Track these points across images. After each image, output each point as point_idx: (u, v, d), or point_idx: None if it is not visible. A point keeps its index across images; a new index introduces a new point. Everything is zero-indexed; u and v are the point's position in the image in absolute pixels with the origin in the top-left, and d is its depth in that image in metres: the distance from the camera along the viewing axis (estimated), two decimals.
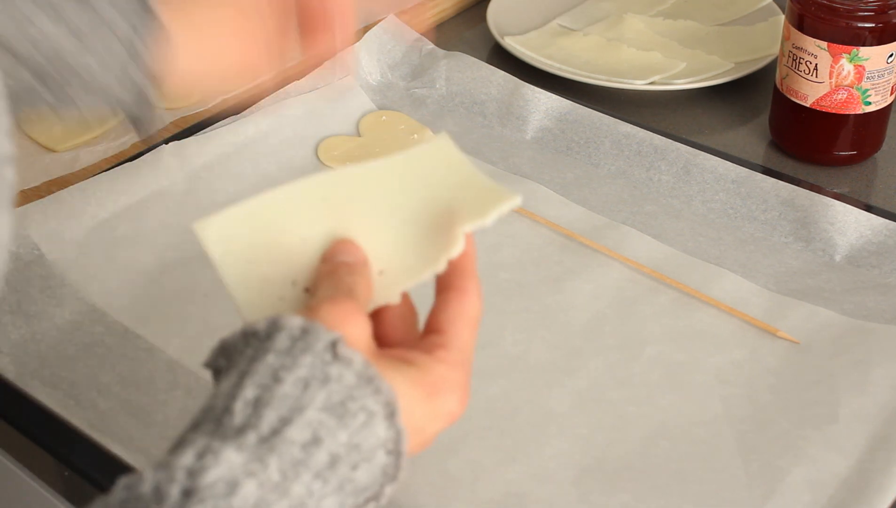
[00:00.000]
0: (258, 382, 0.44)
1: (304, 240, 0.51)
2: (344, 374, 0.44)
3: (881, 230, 0.75)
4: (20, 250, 0.74)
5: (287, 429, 0.42)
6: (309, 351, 0.44)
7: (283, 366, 0.44)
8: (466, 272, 0.51)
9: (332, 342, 0.45)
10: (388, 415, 0.45)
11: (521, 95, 0.90)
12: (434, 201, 0.51)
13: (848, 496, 0.58)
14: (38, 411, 0.64)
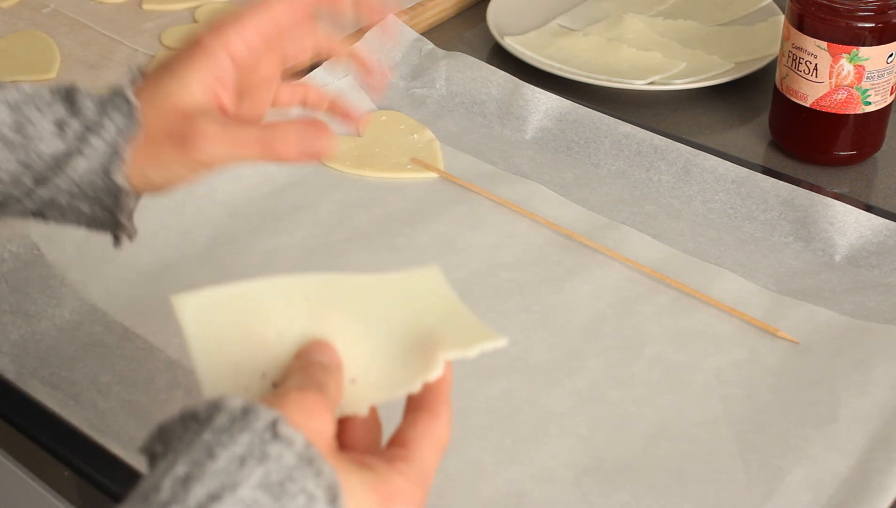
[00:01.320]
0: (191, 459, 0.42)
1: (281, 335, 0.50)
2: (284, 454, 0.42)
3: (881, 230, 0.75)
4: (20, 250, 0.74)
5: (215, 505, 0.40)
6: (248, 429, 0.42)
7: (219, 443, 0.42)
8: (441, 397, 0.50)
9: (272, 421, 0.43)
10: (329, 500, 0.43)
11: (521, 95, 0.90)
12: (416, 324, 0.51)
13: (848, 496, 0.58)
14: (38, 411, 0.64)
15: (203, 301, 0.50)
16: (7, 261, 0.73)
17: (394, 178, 0.85)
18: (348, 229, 0.79)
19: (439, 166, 0.85)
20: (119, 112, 0.56)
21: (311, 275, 0.52)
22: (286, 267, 0.76)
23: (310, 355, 0.49)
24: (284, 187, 0.84)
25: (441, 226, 0.79)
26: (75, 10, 1.10)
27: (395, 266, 0.75)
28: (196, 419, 0.44)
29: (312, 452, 0.43)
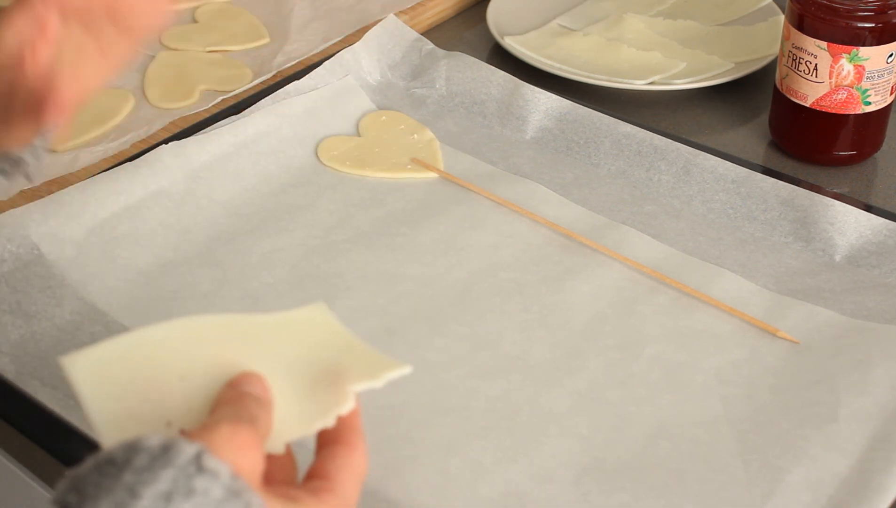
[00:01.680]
0: (113, 501, 0.40)
1: (182, 379, 0.49)
2: (210, 487, 0.41)
3: (881, 230, 0.75)
4: (20, 250, 0.74)
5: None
6: (170, 465, 0.41)
7: (141, 482, 0.40)
8: (355, 429, 0.50)
9: (196, 454, 0.42)
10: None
11: (520, 95, 0.90)
12: (314, 359, 0.51)
13: (848, 496, 0.58)
14: (38, 411, 0.64)
15: (94, 358, 0.48)
16: (7, 261, 0.73)
17: (394, 178, 0.85)
18: (348, 229, 0.79)
19: (439, 166, 0.85)
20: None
21: (198, 317, 0.50)
22: (286, 267, 0.76)
23: (241, 385, 0.48)
24: (284, 187, 0.84)
25: (441, 226, 0.79)
26: None
27: (395, 266, 0.75)
28: (113, 464, 0.42)
29: (240, 484, 0.42)
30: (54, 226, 0.75)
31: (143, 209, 0.79)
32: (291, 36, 1.04)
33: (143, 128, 0.90)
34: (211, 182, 0.82)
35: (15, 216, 0.75)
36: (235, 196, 0.82)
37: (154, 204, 0.79)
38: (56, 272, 0.73)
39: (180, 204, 0.80)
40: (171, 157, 0.82)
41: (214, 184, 0.82)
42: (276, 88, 0.91)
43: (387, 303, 0.73)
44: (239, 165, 0.84)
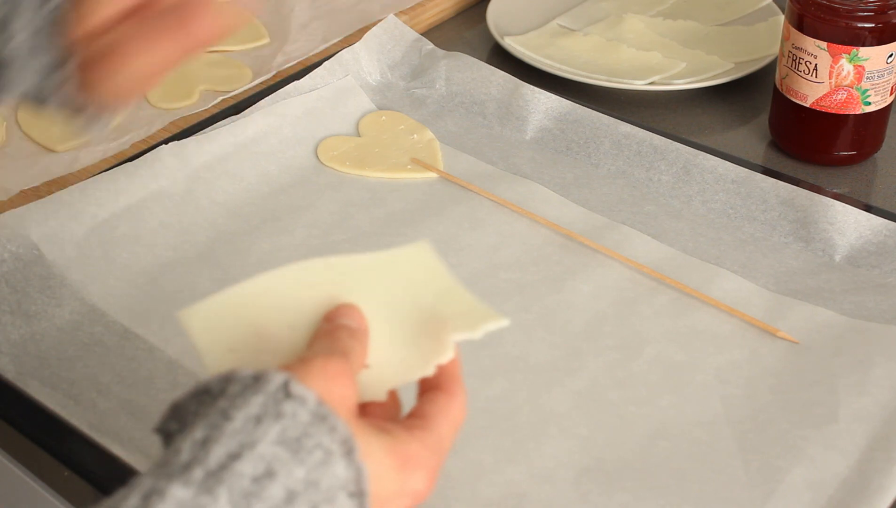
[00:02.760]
0: (207, 423, 0.43)
1: (292, 327, 0.51)
2: (298, 411, 0.43)
3: (881, 230, 0.75)
4: (20, 250, 0.74)
5: (236, 463, 0.41)
6: (260, 392, 0.44)
7: (234, 406, 0.43)
8: (455, 377, 0.52)
9: (284, 382, 0.44)
10: (345, 453, 0.44)
11: (520, 95, 0.90)
12: (417, 303, 0.52)
13: (848, 496, 0.58)
14: (37, 411, 0.64)
15: (208, 310, 0.51)
16: (7, 261, 0.73)
17: (394, 178, 0.85)
18: (348, 229, 0.79)
19: (439, 166, 0.85)
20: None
21: (308, 262, 0.52)
22: None
23: (338, 318, 0.50)
24: (284, 187, 0.84)
25: (441, 226, 0.79)
26: None
27: None
28: (209, 393, 0.45)
29: (324, 409, 0.44)
30: (54, 226, 0.75)
31: (143, 210, 0.79)
32: (291, 36, 1.04)
33: (142, 128, 0.90)
34: (211, 182, 0.82)
35: (15, 216, 0.75)
36: (235, 196, 0.82)
37: (154, 204, 0.79)
38: (56, 272, 0.73)
39: (180, 204, 0.80)
40: (171, 157, 0.82)
41: (214, 184, 0.82)
42: (276, 88, 0.91)
43: None
44: (239, 166, 0.84)
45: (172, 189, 0.80)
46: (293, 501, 0.42)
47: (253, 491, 0.41)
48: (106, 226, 0.77)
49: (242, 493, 0.41)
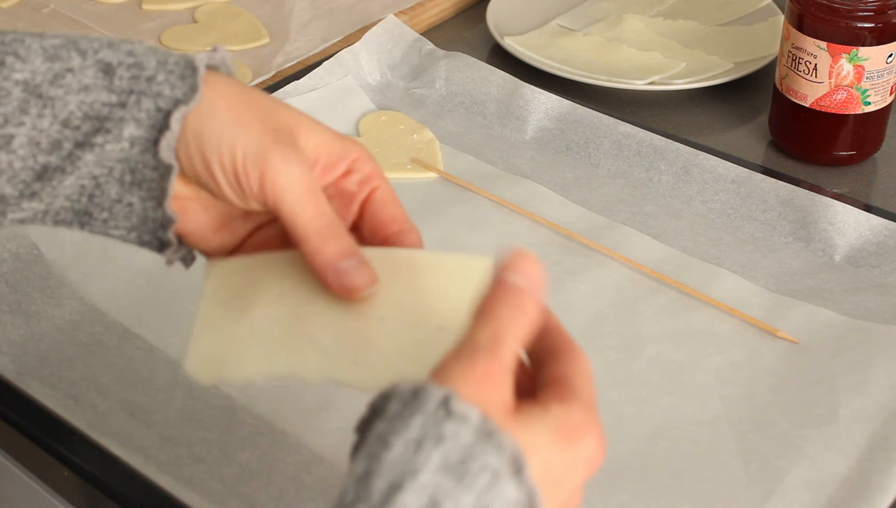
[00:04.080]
0: (367, 453, 0.40)
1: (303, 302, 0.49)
2: (460, 431, 0.40)
3: (881, 230, 0.75)
4: (20, 250, 0.74)
5: (398, 496, 0.38)
6: (419, 412, 0.40)
7: (392, 430, 0.40)
8: (567, 335, 0.48)
9: (443, 398, 0.41)
10: (514, 472, 0.40)
11: (520, 95, 0.90)
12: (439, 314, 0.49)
13: (848, 496, 0.58)
14: (37, 411, 0.64)
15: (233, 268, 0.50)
16: (7, 261, 0.73)
17: (394, 178, 0.85)
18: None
19: (439, 166, 0.85)
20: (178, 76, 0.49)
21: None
22: None
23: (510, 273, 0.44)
24: None
25: (441, 226, 0.79)
26: (75, 10, 1.10)
27: None
28: (374, 412, 0.43)
29: (490, 425, 0.41)
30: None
31: None
32: (291, 36, 1.04)
33: None
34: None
35: None
36: None
37: None
38: (56, 272, 0.73)
39: None
40: None
41: None
42: (276, 88, 0.91)
43: None
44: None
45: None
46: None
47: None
48: None
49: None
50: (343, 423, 0.64)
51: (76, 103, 0.48)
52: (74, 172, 0.48)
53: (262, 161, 0.47)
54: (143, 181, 0.49)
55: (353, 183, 0.51)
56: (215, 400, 0.65)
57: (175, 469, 0.61)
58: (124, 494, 0.59)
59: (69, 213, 0.50)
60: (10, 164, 0.47)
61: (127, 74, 0.48)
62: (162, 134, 0.48)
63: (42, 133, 0.47)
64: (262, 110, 0.49)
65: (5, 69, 0.47)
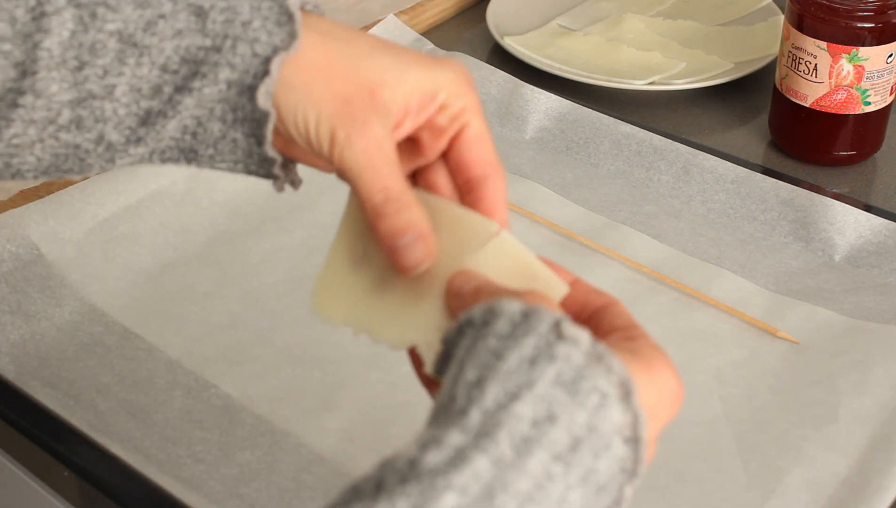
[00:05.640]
0: (479, 363, 0.40)
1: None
2: (571, 353, 0.40)
3: (881, 230, 0.75)
4: (20, 250, 0.74)
5: (515, 404, 0.39)
6: (532, 332, 0.41)
7: (506, 346, 0.41)
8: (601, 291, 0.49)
9: (555, 321, 0.41)
10: (622, 396, 0.41)
11: (520, 95, 0.90)
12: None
13: (848, 496, 0.58)
14: (37, 411, 0.64)
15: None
16: (7, 261, 0.73)
17: None
18: None
19: None
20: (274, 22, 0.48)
21: None
22: (286, 267, 0.76)
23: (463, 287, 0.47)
24: None
25: None
26: None
27: None
28: (472, 326, 0.43)
29: (600, 349, 0.41)
30: (54, 226, 0.75)
31: (143, 209, 0.79)
32: None
33: None
34: (211, 182, 0.82)
35: (15, 216, 0.75)
36: (235, 196, 0.82)
37: (154, 204, 0.79)
38: (56, 272, 0.73)
39: (180, 204, 0.80)
40: None
41: (214, 184, 0.82)
42: None
43: None
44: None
45: (172, 189, 0.80)
46: (578, 448, 0.39)
47: (533, 436, 0.38)
48: (106, 226, 0.77)
49: (523, 438, 0.38)
50: (343, 423, 0.64)
51: (172, 48, 0.48)
52: (176, 116, 0.48)
53: (329, 137, 0.48)
54: (244, 120, 0.49)
55: (444, 118, 0.50)
56: (215, 400, 0.65)
57: (175, 469, 0.61)
58: (124, 494, 0.59)
59: (175, 151, 0.50)
60: (115, 111, 0.48)
61: (220, 17, 0.48)
62: (259, 80, 0.48)
63: (142, 79, 0.48)
64: (341, 73, 0.48)
65: (97, 21, 0.47)
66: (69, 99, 0.47)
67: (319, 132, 0.48)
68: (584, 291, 0.49)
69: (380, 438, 0.63)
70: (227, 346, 0.69)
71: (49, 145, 0.48)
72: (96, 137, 0.48)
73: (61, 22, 0.46)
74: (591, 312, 0.48)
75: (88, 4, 0.47)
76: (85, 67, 0.47)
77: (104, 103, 0.47)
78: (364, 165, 0.48)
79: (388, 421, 0.64)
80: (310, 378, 0.67)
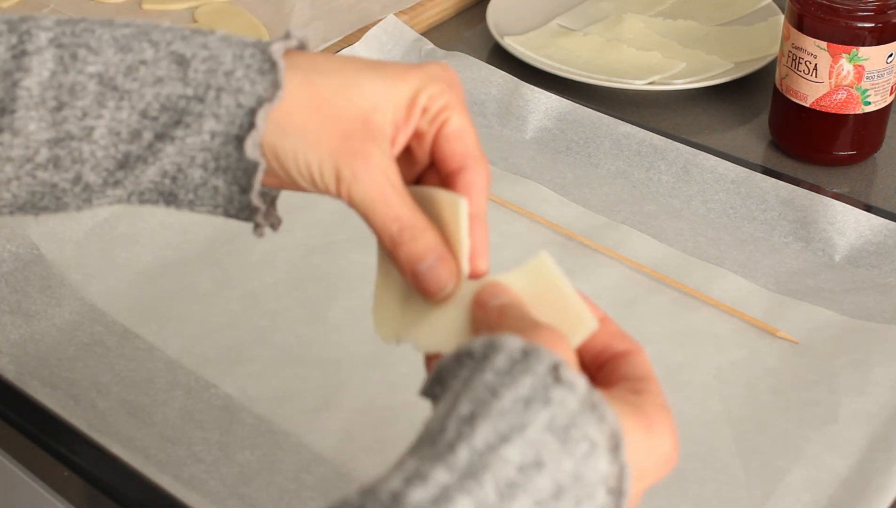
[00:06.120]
0: (473, 398, 0.40)
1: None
2: (566, 398, 0.40)
3: (881, 230, 0.75)
4: (20, 250, 0.74)
5: (504, 447, 0.39)
6: (529, 372, 0.41)
7: (502, 384, 0.40)
8: (627, 335, 0.49)
9: (554, 364, 0.41)
10: (611, 448, 0.41)
11: (520, 95, 0.90)
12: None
13: (848, 496, 0.58)
14: (37, 411, 0.64)
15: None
16: (7, 261, 0.73)
17: None
18: (348, 229, 0.79)
19: None
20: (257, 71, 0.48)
21: None
22: (286, 267, 0.76)
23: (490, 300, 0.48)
24: None
25: None
26: (75, 9, 1.10)
27: None
28: (471, 357, 0.43)
29: (595, 397, 0.41)
30: (54, 226, 0.75)
31: (143, 209, 0.79)
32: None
33: None
34: None
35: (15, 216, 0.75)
36: None
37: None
38: (56, 272, 0.73)
39: None
40: None
41: None
42: None
43: None
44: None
45: None
46: (560, 496, 0.39)
47: (518, 482, 0.38)
48: (106, 225, 0.77)
49: (508, 482, 0.38)
50: (343, 423, 0.64)
51: (152, 95, 0.48)
52: (156, 163, 0.48)
53: (335, 176, 0.48)
54: (227, 169, 0.49)
55: (425, 122, 0.51)
56: (215, 400, 0.65)
57: (175, 469, 0.61)
58: (124, 494, 0.59)
59: (154, 193, 0.50)
60: (93, 153, 0.48)
61: (202, 66, 0.48)
62: (247, 132, 0.48)
63: (121, 123, 0.48)
64: (333, 110, 0.48)
65: (78, 62, 0.47)
66: (47, 138, 0.47)
67: (324, 173, 0.48)
68: (610, 333, 0.49)
69: (380, 438, 0.63)
70: (227, 346, 0.70)
71: (26, 183, 0.48)
72: (73, 178, 0.48)
73: (42, 62, 0.47)
74: (611, 355, 0.48)
75: (70, 45, 0.47)
76: (64, 108, 0.47)
77: (82, 145, 0.48)
78: (374, 199, 0.48)
79: (388, 421, 0.64)
80: (310, 378, 0.67)
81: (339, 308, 0.72)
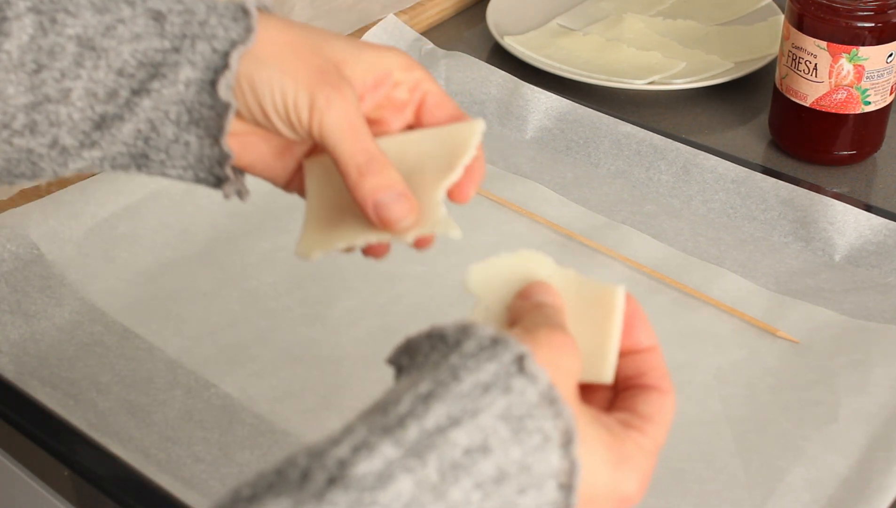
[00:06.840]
0: (435, 378, 0.41)
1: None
2: (527, 390, 0.41)
3: (881, 230, 0.75)
4: (20, 250, 0.74)
5: (454, 429, 0.39)
6: (495, 359, 0.42)
7: (465, 367, 0.41)
8: (666, 374, 0.49)
9: (520, 355, 0.42)
10: (564, 443, 0.41)
11: (520, 94, 0.90)
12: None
13: (848, 496, 0.58)
14: (37, 410, 0.64)
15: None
16: (7, 261, 0.73)
17: None
18: None
19: None
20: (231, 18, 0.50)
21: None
22: (286, 267, 0.76)
23: (534, 295, 0.48)
24: None
25: None
26: None
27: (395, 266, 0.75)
28: (444, 341, 0.44)
29: (554, 393, 0.42)
30: (54, 226, 0.75)
31: (143, 209, 0.79)
32: None
33: None
34: None
35: (15, 216, 0.75)
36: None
37: (154, 204, 0.79)
38: (56, 272, 0.73)
39: (180, 204, 0.80)
40: None
41: None
42: None
43: (387, 303, 0.73)
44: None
45: (172, 189, 0.80)
46: (502, 481, 0.40)
47: (463, 464, 0.39)
48: (106, 225, 0.77)
49: (452, 463, 0.39)
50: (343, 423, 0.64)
51: (129, 52, 0.49)
52: (132, 119, 0.50)
53: (309, 104, 0.50)
54: (199, 120, 0.50)
55: (402, 92, 0.53)
56: (215, 400, 0.65)
57: (175, 469, 0.61)
58: (124, 494, 0.59)
59: (126, 157, 0.51)
60: (70, 116, 0.49)
61: (178, 20, 0.50)
62: (220, 74, 0.49)
63: (98, 84, 0.49)
64: (308, 51, 0.51)
65: (57, 25, 0.48)
66: (24, 103, 0.48)
67: (298, 100, 0.50)
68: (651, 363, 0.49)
69: None
70: (227, 346, 0.70)
71: (1, 151, 0.49)
72: (50, 142, 0.49)
73: (21, 27, 0.48)
74: (638, 385, 0.48)
75: (49, 11, 0.48)
76: (42, 71, 0.48)
77: (59, 107, 0.49)
78: (346, 128, 0.50)
79: None
80: (310, 378, 0.67)
81: (339, 308, 0.72)
